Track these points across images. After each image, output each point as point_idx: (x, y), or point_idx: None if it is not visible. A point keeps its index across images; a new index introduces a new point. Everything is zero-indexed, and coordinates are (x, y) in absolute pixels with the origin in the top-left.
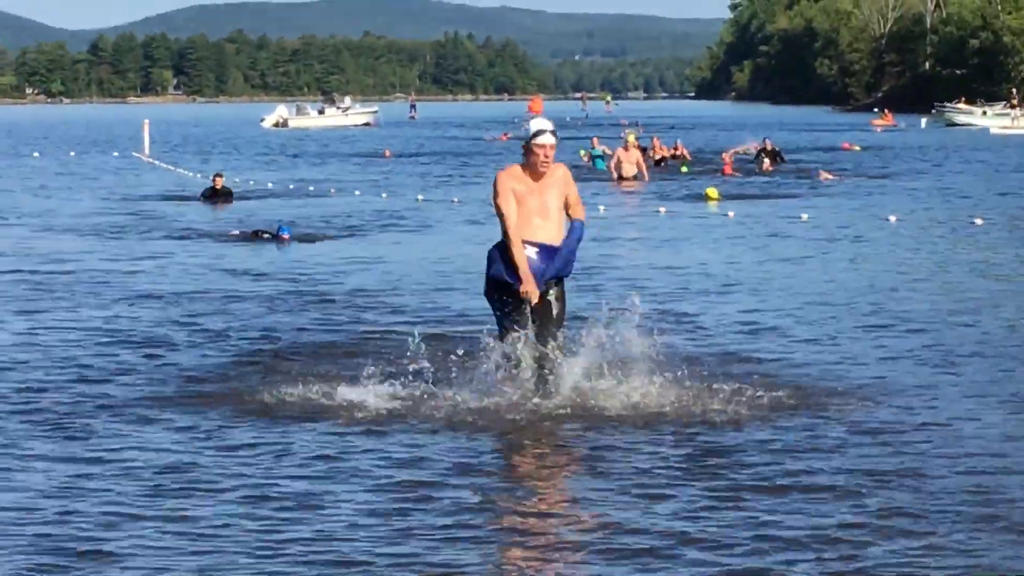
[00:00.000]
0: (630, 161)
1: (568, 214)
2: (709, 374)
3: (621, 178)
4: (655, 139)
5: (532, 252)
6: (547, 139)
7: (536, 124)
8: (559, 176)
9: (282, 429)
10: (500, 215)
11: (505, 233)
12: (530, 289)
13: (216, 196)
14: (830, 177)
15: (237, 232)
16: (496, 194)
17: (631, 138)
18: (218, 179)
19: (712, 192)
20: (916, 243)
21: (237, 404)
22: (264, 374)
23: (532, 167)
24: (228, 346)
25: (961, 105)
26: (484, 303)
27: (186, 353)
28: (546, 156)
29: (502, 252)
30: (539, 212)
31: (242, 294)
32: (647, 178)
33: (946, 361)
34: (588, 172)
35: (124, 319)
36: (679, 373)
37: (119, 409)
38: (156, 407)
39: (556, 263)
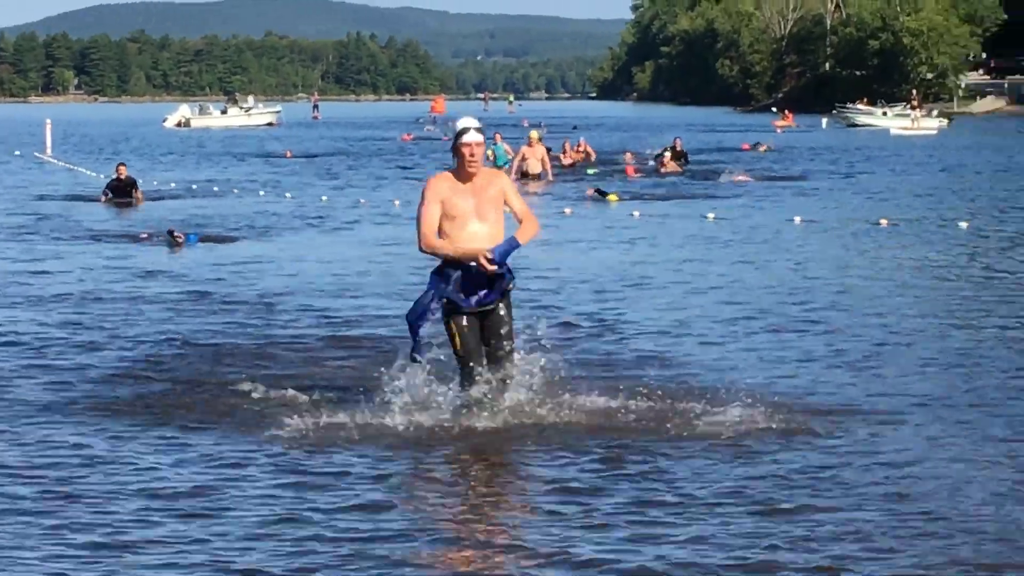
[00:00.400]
0: (535, 157)
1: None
2: (625, 383)
3: (525, 175)
4: (566, 141)
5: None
6: (473, 137)
7: (461, 123)
8: (498, 184)
9: (180, 435)
10: (417, 223)
11: (421, 245)
12: (480, 258)
13: (121, 186)
14: (744, 179)
15: (146, 234)
16: (421, 200)
17: (534, 135)
18: (122, 168)
19: (612, 196)
20: (822, 244)
21: (138, 409)
22: (167, 379)
23: (461, 169)
24: (129, 350)
25: (861, 106)
26: (391, 305)
27: (84, 356)
28: (472, 155)
29: (443, 274)
30: (475, 214)
31: (146, 296)
32: (551, 177)
33: (855, 362)
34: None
35: (23, 322)
36: (593, 384)
37: (12, 412)
38: (49, 411)
39: (499, 283)
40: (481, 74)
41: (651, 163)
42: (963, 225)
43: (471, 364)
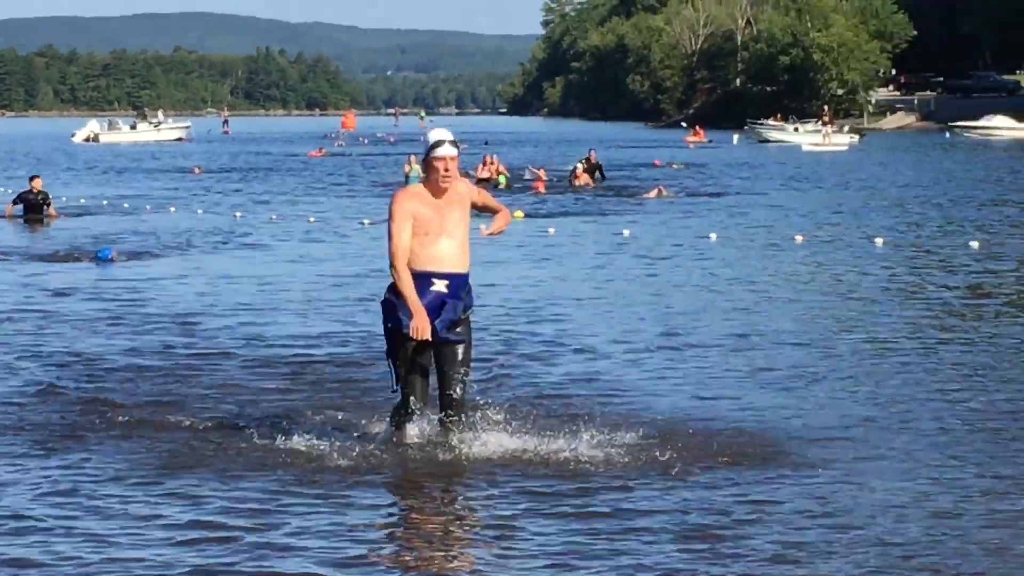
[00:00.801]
0: None
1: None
2: (551, 407)
3: None
4: (486, 155)
5: (442, 285)
6: (448, 150)
7: (434, 134)
8: (462, 192)
9: (81, 456)
10: (389, 241)
11: (392, 264)
12: (421, 325)
13: (33, 200)
14: (666, 194)
15: (75, 252)
16: (391, 217)
17: None
18: (36, 180)
19: (518, 213)
20: (738, 260)
21: (37, 432)
22: (73, 400)
23: (433, 183)
24: (36, 370)
25: (772, 122)
26: (309, 323)
27: (7, 380)
28: (447, 169)
29: (399, 296)
30: (445, 232)
31: (54, 315)
32: None
33: (777, 381)
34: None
35: None
36: (523, 413)
37: None
38: None
39: (465, 298)
40: (391, 89)
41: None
42: (878, 241)
43: (413, 388)
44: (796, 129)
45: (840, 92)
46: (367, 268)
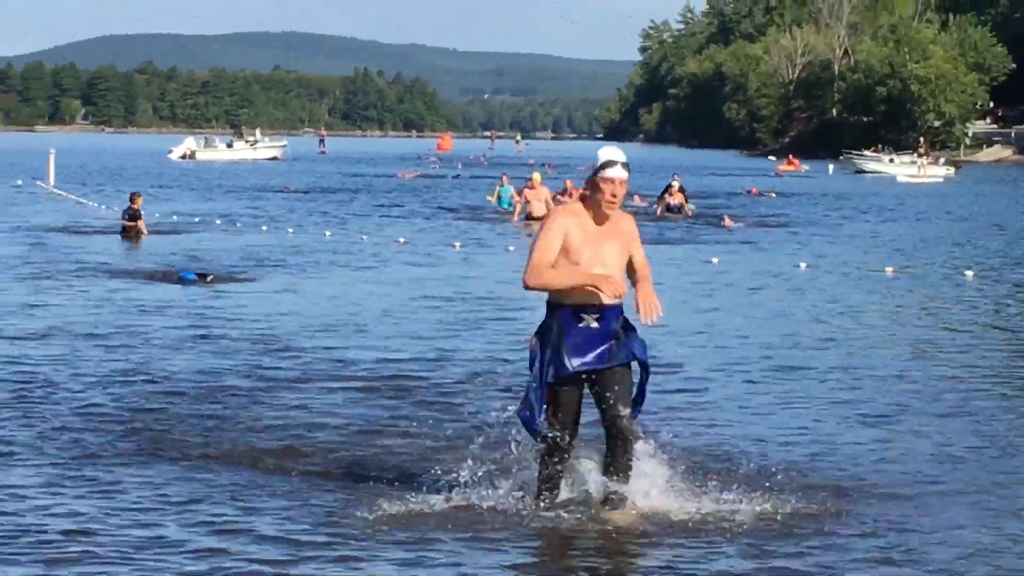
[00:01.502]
0: (538, 199)
1: (631, 280)
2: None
3: (530, 218)
4: (568, 182)
5: (592, 320)
6: (618, 172)
7: (605, 153)
8: (625, 229)
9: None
10: (529, 256)
11: (524, 284)
12: (608, 286)
13: (133, 214)
14: (733, 224)
15: (164, 270)
16: (540, 230)
17: (536, 177)
18: (138, 198)
19: None
20: (827, 291)
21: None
22: (170, 418)
23: (596, 207)
24: (125, 389)
25: (868, 152)
26: (400, 347)
27: (80, 393)
28: (614, 194)
29: (547, 336)
30: (599, 262)
31: (145, 333)
32: None
33: (868, 421)
34: (495, 213)
35: (16, 359)
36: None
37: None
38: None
39: (629, 344)
40: (488, 112)
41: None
42: (968, 274)
43: (565, 429)
44: (892, 160)
45: (937, 124)
46: (458, 291)
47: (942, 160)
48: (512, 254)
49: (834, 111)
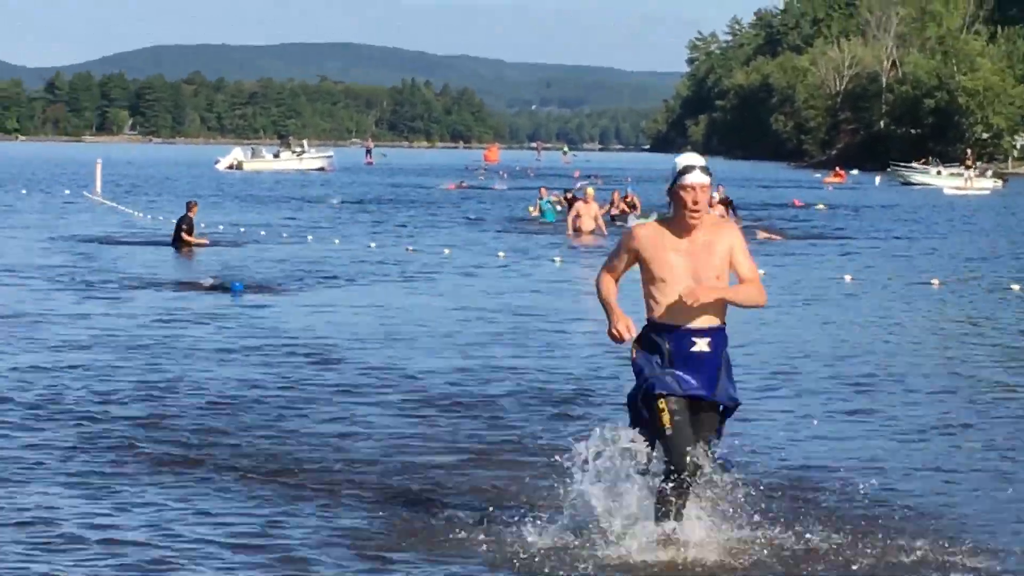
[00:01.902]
0: (589, 215)
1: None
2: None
3: (578, 231)
4: (615, 193)
5: (704, 344)
6: (697, 177)
7: (683, 159)
8: (720, 238)
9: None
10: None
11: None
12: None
13: (189, 223)
14: (771, 237)
15: (210, 281)
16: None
17: (590, 191)
18: (194, 207)
19: None
20: (871, 304)
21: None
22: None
23: (679, 219)
24: (171, 401)
25: (915, 165)
26: (447, 360)
27: (116, 404)
28: (695, 202)
29: (645, 355)
30: (692, 277)
31: (193, 346)
32: (605, 233)
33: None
34: (539, 225)
35: (58, 368)
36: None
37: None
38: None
39: (730, 386)
40: (535, 123)
41: None
42: (1015, 287)
43: (683, 449)
44: (939, 172)
45: (985, 136)
46: (504, 303)
47: (989, 172)
48: (558, 265)
49: (881, 123)
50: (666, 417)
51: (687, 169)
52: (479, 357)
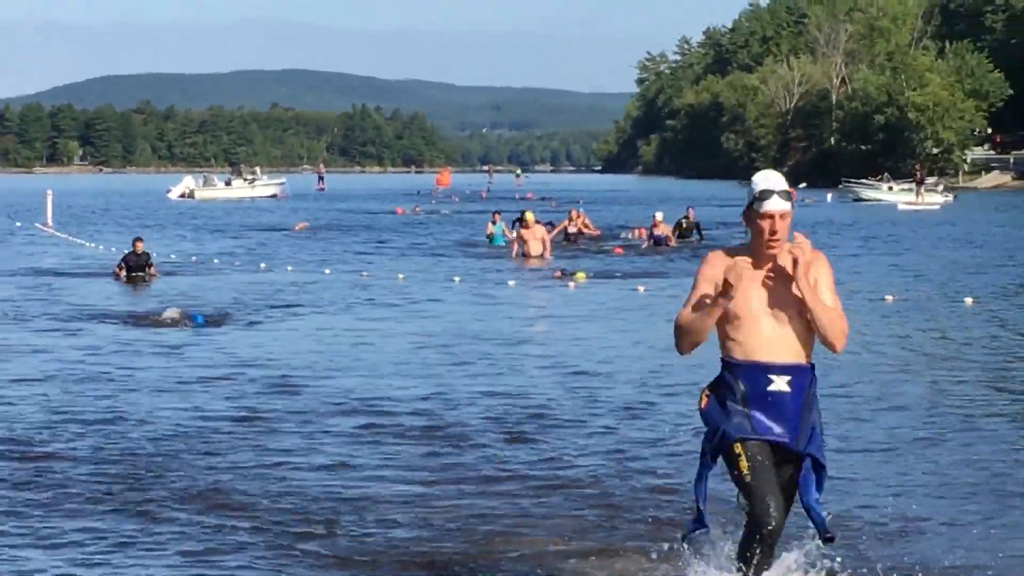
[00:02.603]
0: (535, 238)
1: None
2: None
3: (526, 256)
4: (572, 210)
5: (783, 382)
6: (776, 205)
7: (762, 181)
8: (813, 269)
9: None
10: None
11: (678, 336)
12: (734, 276)
13: (137, 261)
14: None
15: (170, 315)
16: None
17: (530, 216)
18: (139, 243)
19: (580, 275)
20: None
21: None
22: (158, 466)
23: (757, 248)
24: (117, 434)
25: (866, 180)
26: (407, 387)
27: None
28: (774, 231)
29: (718, 398)
30: (771, 312)
31: (143, 378)
32: (549, 256)
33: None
34: (490, 248)
35: (9, 402)
36: None
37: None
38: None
39: (816, 421)
40: (486, 146)
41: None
42: (968, 301)
43: (765, 497)
44: (891, 188)
45: (936, 151)
46: (457, 328)
47: (940, 187)
48: (512, 289)
49: (832, 140)
50: (744, 463)
51: (765, 194)
52: (439, 383)
